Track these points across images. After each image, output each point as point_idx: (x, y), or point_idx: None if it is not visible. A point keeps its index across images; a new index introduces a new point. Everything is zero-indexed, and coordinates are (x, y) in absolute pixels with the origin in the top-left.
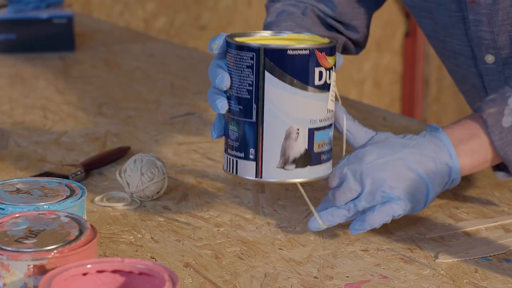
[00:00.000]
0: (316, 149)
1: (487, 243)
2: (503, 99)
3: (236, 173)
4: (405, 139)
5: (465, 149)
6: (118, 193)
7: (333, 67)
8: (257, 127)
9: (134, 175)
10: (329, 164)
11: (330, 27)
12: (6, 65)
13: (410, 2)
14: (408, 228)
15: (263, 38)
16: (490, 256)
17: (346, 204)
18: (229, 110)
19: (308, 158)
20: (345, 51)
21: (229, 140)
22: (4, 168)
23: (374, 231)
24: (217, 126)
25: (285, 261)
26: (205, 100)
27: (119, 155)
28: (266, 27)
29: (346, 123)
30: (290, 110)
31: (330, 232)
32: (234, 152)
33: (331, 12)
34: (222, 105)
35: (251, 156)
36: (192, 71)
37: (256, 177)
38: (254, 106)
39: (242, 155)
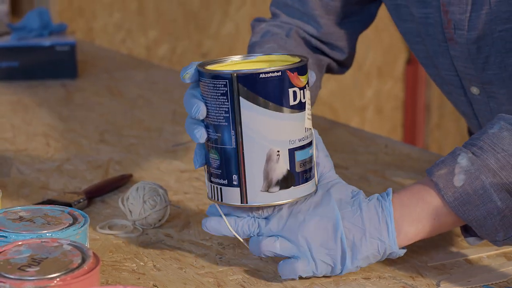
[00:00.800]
0: (298, 168)
1: (488, 271)
2: (453, 158)
3: (222, 200)
4: (351, 199)
5: (410, 218)
6: (121, 221)
7: (307, 85)
8: (237, 153)
9: (136, 203)
10: (312, 182)
11: (315, 49)
12: (8, 92)
13: (404, 29)
14: (409, 256)
15: (234, 63)
16: (491, 284)
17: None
18: (208, 139)
19: (291, 179)
20: (330, 71)
21: (211, 168)
22: (7, 196)
23: None
24: (199, 155)
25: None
26: None
27: (121, 183)
28: (250, 47)
29: (318, 154)
30: (268, 133)
31: None
32: (217, 180)
33: (316, 32)
34: (201, 134)
35: (234, 182)
36: None
37: (241, 202)
38: (233, 132)
39: (225, 182)
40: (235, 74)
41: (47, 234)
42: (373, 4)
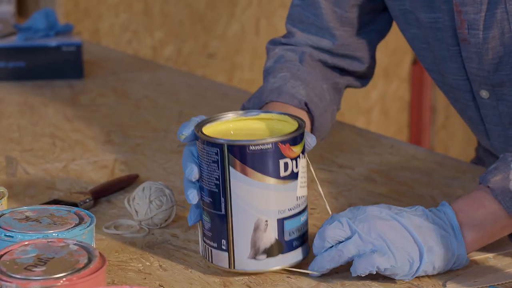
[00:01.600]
0: (287, 237)
1: (495, 271)
2: (505, 164)
3: (212, 261)
4: (411, 208)
5: (472, 223)
6: (127, 221)
7: (301, 154)
8: (226, 219)
9: (142, 203)
10: (304, 248)
11: (332, 68)
12: (15, 92)
13: (411, 35)
14: None
15: (235, 119)
16: (498, 284)
17: (336, 246)
18: (202, 200)
19: (279, 247)
20: (351, 87)
21: (203, 228)
22: (13, 196)
23: None
24: (193, 213)
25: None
26: None
27: (127, 183)
28: (265, 72)
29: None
30: (257, 203)
31: None
32: (208, 241)
33: (331, 45)
34: (193, 196)
35: (223, 247)
36: (200, 100)
37: (229, 267)
38: (222, 199)
39: (215, 245)
40: (225, 144)
41: (54, 234)
42: (388, 12)
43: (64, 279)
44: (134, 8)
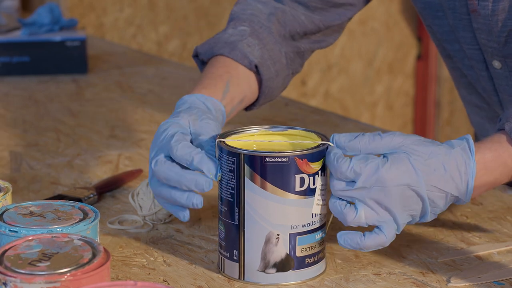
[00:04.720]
0: (299, 253)
1: (499, 267)
2: None
3: (224, 271)
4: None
5: (489, 183)
6: (131, 216)
7: (320, 171)
8: (239, 230)
9: (146, 198)
10: (318, 266)
11: (303, 35)
12: (19, 87)
13: (424, 4)
14: (420, 252)
15: (260, 133)
16: (502, 280)
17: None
18: (219, 209)
19: (290, 263)
20: (318, 48)
21: (219, 238)
22: (18, 191)
23: (387, 254)
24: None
25: (298, 285)
26: None
27: (131, 178)
28: (231, 15)
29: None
30: (269, 216)
31: (343, 256)
32: (222, 251)
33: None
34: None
35: (234, 257)
36: None
37: (239, 278)
38: (236, 209)
39: (227, 255)
40: (242, 154)
41: (58, 229)
42: None
43: (68, 274)
44: (139, 2)
